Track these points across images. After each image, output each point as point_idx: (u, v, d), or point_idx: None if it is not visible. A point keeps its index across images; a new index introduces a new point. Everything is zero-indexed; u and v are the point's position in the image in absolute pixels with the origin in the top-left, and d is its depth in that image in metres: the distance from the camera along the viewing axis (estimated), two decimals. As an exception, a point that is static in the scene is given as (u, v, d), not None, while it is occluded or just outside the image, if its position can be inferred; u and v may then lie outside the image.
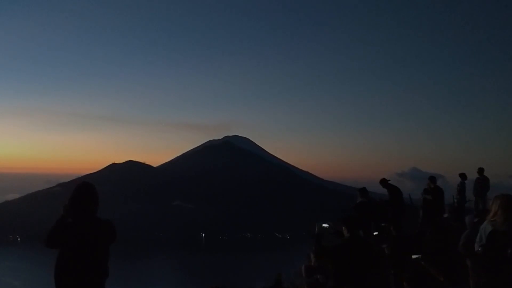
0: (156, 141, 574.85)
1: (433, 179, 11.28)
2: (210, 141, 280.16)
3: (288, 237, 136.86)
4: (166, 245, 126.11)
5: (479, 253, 3.97)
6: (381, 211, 9.93)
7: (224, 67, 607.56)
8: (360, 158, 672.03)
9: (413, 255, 5.98)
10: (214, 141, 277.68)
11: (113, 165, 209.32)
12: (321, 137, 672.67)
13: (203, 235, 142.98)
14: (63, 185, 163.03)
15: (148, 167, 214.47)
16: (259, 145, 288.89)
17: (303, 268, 6.76)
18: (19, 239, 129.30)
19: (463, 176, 12.57)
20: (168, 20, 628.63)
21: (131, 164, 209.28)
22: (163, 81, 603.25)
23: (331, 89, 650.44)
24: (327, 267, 6.16)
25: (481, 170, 12.44)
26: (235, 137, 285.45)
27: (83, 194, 3.48)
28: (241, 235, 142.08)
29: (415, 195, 12.24)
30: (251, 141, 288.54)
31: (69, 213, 3.42)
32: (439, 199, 11.00)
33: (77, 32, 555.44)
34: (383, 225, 8.78)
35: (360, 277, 4.67)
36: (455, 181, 12.86)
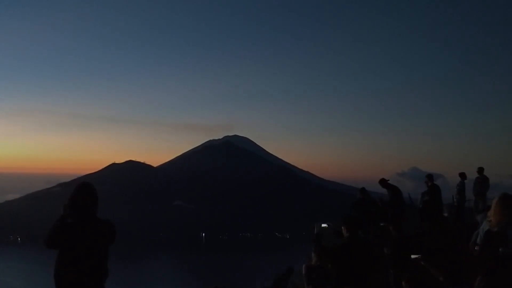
0: (156, 141, 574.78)
1: (430, 177, 11.32)
2: (210, 141, 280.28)
3: (288, 237, 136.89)
4: (166, 245, 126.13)
5: (476, 253, 3.96)
6: (380, 210, 9.94)
7: (224, 67, 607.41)
8: (360, 158, 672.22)
9: (412, 255, 5.99)
10: (214, 141, 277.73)
11: (113, 165, 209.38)
12: (321, 137, 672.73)
13: (203, 235, 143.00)
14: (63, 185, 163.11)
15: (148, 167, 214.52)
16: (259, 145, 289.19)
17: (304, 268, 6.77)
18: (19, 239, 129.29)
19: (462, 175, 12.58)
20: (168, 20, 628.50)
21: (131, 164, 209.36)
22: (163, 82, 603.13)
23: (331, 89, 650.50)
24: (328, 266, 6.17)
25: (480, 169, 12.44)
26: (235, 137, 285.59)
27: (83, 194, 3.48)
28: (241, 235, 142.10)
29: (415, 195, 12.25)
30: (251, 141, 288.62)
31: (69, 213, 3.42)
32: (437, 197, 11.03)
33: (77, 32, 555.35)
34: (382, 224, 8.79)
35: (360, 278, 4.67)
36: (455, 180, 12.87)
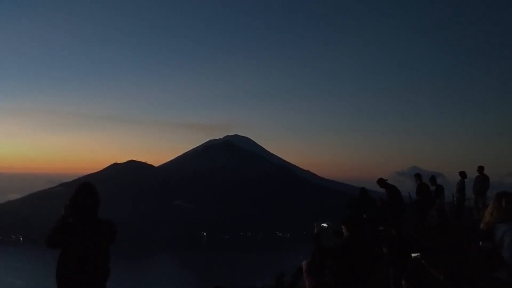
0: (157, 141, 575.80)
1: (418, 176, 11.34)
2: (211, 140, 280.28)
3: (288, 236, 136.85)
4: (167, 245, 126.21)
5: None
6: (379, 210, 9.93)
7: (224, 67, 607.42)
8: (360, 157, 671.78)
9: (412, 254, 6.00)
10: (214, 140, 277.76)
11: (115, 165, 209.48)
12: (322, 136, 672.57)
13: (204, 234, 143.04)
14: (65, 185, 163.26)
15: (149, 166, 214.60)
16: (259, 144, 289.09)
17: (304, 263, 6.75)
18: (21, 239, 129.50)
19: (463, 174, 12.58)
20: (169, 21, 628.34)
21: (132, 164, 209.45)
22: (164, 82, 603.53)
23: (332, 89, 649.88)
24: (328, 264, 6.17)
25: (481, 168, 12.44)
26: (236, 136, 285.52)
27: (84, 194, 3.50)
28: (242, 234, 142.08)
29: (415, 194, 12.23)
30: (251, 140, 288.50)
31: (70, 213, 3.44)
32: (425, 196, 11.04)
33: (79, 33, 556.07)
34: (381, 228, 8.77)
35: (360, 277, 4.68)
36: (455, 179, 12.87)
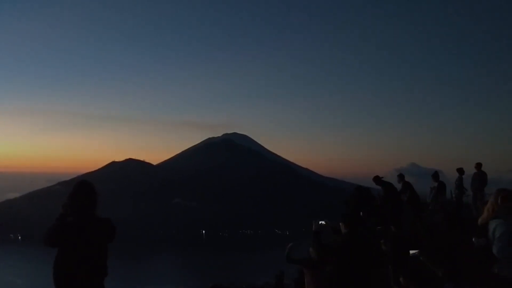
0: (156, 139, 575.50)
1: (401, 176, 11.30)
2: (209, 138, 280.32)
3: (288, 234, 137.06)
4: (167, 243, 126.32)
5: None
6: (376, 208, 9.93)
7: (223, 65, 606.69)
8: (359, 154, 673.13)
9: (411, 251, 6.02)
10: (213, 138, 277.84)
11: (113, 164, 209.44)
12: (320, 134, 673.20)
13: (204, 232, 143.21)
14: (63, 184, 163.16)
15: (148, 165, 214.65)
16: (258, 142, 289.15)
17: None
18: (20, 238, 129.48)
19: (460, 171, 12.59)
20: (167, 20, 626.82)
21: (131, 162, 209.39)
22: (163, 80, 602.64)
23: (331, 87, 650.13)
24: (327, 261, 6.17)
25: (478, 165, 12.46)
26: (235, 134, 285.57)
27: (82, 193, 3.48)
28: (241, 232, 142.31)
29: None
30: (250, 138, 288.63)
31: (69, 211, 3.44)
32: (412, 194, 10.97)
33: (77, 33, 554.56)
34: (379, 227, 8.77)
35: (359, 275, 4.69)
36: (455, 176, 12.90)
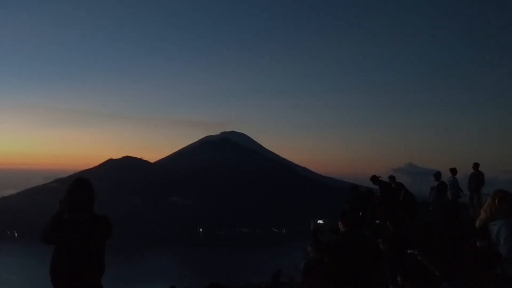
0: (153, 137, 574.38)
1: (392, 178, 11.39)
2: (207, 137, 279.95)
3: (285, 232, 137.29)
4: (163, 241, 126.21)
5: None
6: (375, 205, 9.99)
7: (221, 63, 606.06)
8: (356, 153, 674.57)
9: (408, 250, 6.03)
10: (211, 137, 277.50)
11: (111, 161, 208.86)
12: (318, 133, 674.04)
13: (201, 230, 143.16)
14: (60, 181, 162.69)
15: (145, 162, 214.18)
16: (256, 141, 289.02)
17: (303, 264, 6.73)
18: (16, 235, 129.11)
19: (453, 171, 12.56)
20: (166, 17, 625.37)
21: (128, 160, 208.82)
22: (160, 78, 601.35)
23: (329, 86, 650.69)
24: (324, 261, 6.18)
25: (476, 165, 12.49)
26: (232, 132, 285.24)
27: (79, 189, 3.47)
28: (238, 230, 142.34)
29: (412, 191, 12.25)
30: (248, 137, 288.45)
31: (66, 208, 3.42)
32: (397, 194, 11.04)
33: (76, 29, 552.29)
34: (377, 221, 8.84)
35: (358, 274, 4.69)
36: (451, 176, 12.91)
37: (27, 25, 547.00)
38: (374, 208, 9.91)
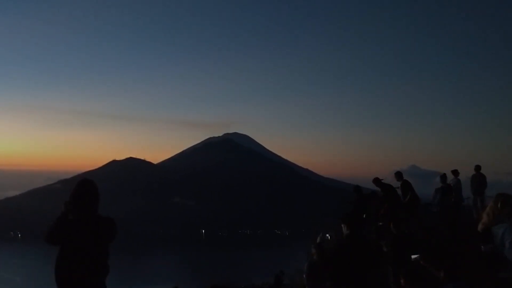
0: (156, 138, 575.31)
1: (399, 174, 11.20)
2: (210, 138, 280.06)
3: (287, 234, 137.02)
4: (166, 241, 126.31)
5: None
6: (378, 206, 9.96)
7: (224, 64, 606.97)
8: (359, 155, 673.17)
9: (413, 256, 6.01)
10: (214, 138, 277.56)
11: (114, 162, 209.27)
12: (321, 134, 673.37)
13: (203, 231, 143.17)
14: (64, 182, 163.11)
15: (148, 164, 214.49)
16: (258, 142, 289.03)
17: (305, 265, 6.80)
18: (20, 236, 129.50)
19: (455, 172, 12.48)
20: (168, 18, 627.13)
21: (131, 161, 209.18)
22: (164, 79, 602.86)
23: (331, 87, 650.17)
24: (327, 264, 6.19)
25: (478, 167, 12.41)
26: (235, 134, 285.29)
27: (84, 191, 3.49)
28: (240, 231, 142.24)
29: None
30: (250, 138, 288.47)
31: (70, 210, 3.44)
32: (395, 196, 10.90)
33: (78, 29, 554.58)
34: (380, 224, 8.83)
35: (360, 276, 4.69)
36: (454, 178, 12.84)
37: (28, 25, 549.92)
38: (377, 210, 9.89)
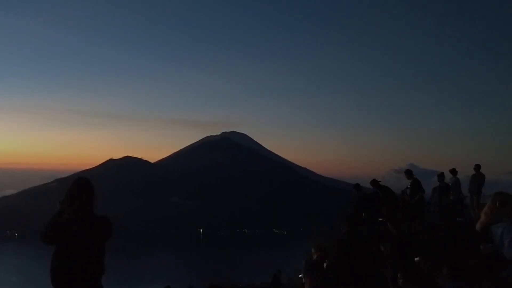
0: (154, 137, 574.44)
1: (409, 172, 11.20)
2: (208, 137, 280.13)
3: (285, 233, 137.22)
4: (163, 241, 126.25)
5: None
6: (376, 204, 9.96)
7: (222, 63, 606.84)
8: (357, 154, 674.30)
9: (415, 258, 5.99)
10: (212, 137, 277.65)
11: (111, 161, 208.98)
12: (319, 133, 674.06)
13: (201, 231, 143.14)
14: (60, 181, 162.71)
15: (145, 163, 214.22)
16: (256, 141, 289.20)
17: (304, 263, 6.76)
18: (16, 235, 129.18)
19: (454, 171, 12.47)
20: (166, 17, 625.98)
21: (128, 160, 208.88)
22: (161, 78, 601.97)
23: (330, 86, 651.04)
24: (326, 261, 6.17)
25: (477, 166, 12.43)
26: (233, 133, 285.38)
27: (80, 189, 3.45)
28: (239, 231, 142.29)
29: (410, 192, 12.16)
30: (248, 137, 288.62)
31: (66, 208, 3.40)
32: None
33: (76, 29, 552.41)
34: (380, 219, 8.82)
35: (359, 275, 4.68)
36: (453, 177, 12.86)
37: (27, 25, 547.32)
38: (377, 210, 9.89)
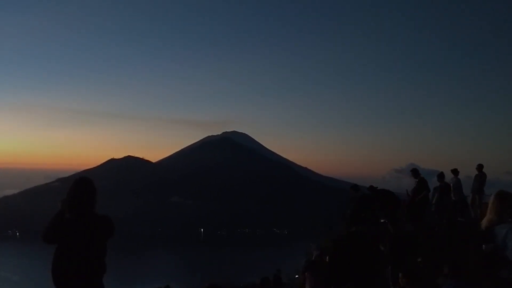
0: (155, 137, 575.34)
1: (415, 171, 11.25)
2: (208, 137, 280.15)
3: (286, 233, 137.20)
4: (164, 241, 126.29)
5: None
6: (378, 203, 9.95)
7: (223, 63, 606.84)
8: (358, 154, 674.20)
9: (416, 258, 5.99)
10: (212, 137, 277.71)
11: (112, 161, 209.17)
12: (320, 133, 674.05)
13: (202, 230, 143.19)
14: (62, 180, 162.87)
15: (147, 162, 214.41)
16: (257, 141, 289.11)
17: (304, 262, 6.79)
18: (18, 234, 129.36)
19: (455, 171, 12.43)
20: (167, 17, 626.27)
21: (130, 159, 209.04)
22: (162, 78, 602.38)
23: (330, 86, 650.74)
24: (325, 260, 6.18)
25: (480, 166, 12.35)
26: (234, 133, 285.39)
27: (81, 189, 3.47)
28: (239, 230, 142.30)
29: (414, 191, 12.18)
30: (249, 137, 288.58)
31: (67, 208, 3.41)
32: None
33: (77, 28, 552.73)
34: (382, 221, 8.80)
35: (358, 273, 4.67)
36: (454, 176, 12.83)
37: (27, 25, 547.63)
38: (378, 210, 9.89)
